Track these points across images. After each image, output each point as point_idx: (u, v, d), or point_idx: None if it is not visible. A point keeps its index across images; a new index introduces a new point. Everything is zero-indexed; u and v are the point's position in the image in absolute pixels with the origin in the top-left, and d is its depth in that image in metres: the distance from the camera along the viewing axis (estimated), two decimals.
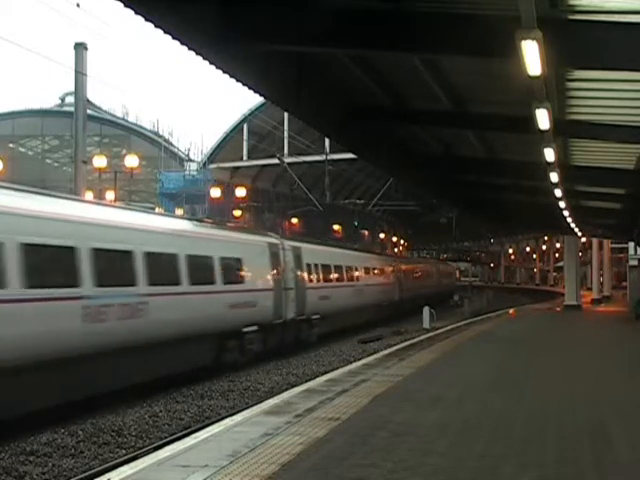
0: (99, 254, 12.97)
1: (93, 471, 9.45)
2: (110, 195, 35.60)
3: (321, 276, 26.15)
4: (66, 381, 11.94)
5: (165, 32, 9.43)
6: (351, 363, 17.43)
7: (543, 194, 23.21)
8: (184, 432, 11.33)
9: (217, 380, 16.85)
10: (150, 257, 14.66)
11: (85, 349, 12.25)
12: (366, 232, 64.18)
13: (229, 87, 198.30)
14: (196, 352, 16.35)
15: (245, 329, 18.70)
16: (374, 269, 35.21)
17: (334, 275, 27.99)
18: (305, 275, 24.24)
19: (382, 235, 70.79)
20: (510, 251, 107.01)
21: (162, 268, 15.29)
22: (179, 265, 15.91)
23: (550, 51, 8.45)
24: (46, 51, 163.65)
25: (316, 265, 25.58)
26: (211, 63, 10.73)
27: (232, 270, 18.71)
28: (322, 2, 9.98)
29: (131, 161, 31.64)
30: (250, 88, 12.27)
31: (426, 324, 29.87)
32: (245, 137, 43.53)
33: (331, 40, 10.02)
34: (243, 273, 19.45)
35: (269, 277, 21.08)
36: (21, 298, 11.13)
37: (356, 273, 31.35)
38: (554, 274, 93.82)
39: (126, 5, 8.76)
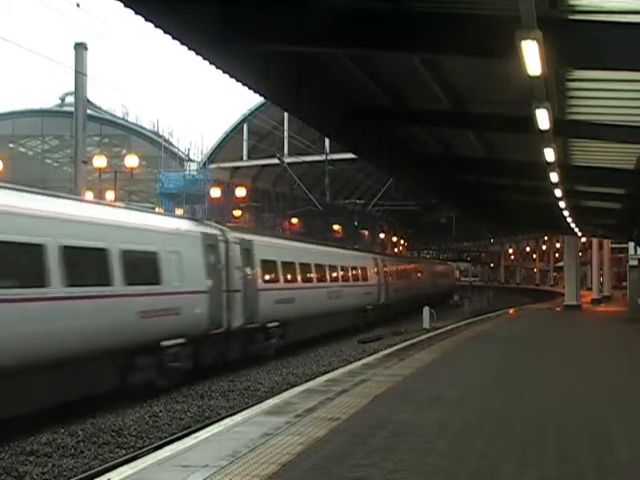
0: (331, 266, 28.05)
1: (93, 471, 9.47)
2: (110, 195, 35.58)
3: (394, 276, 39.92)
4: (319, 326, 25.36)
5: (165, 32, 9.43)
6: (351, 363, 17.45)
7: (543, 194, 23.21)
8: (184, 432, 11.34)
9: (217, 380, 16.87)
10: (341, 267, 29.60)
11: (326, 311, 26.28)
12: (366, 232, 64.16)
13: (229, 87, 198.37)
14: (349, 318, 30.02)
15: (367, 307, 32.99)
16: (419, 272, 50.46)
17: (400, 276, 41.95)
18: (388, 275, 37.95)
19: (382, 235, 70.75)
20: (510, 251, 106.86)
21: (344, 272, 30.01)
22: (349, 271, 30.78)
23: (550, 51, 8.45)
24: (46, 51, 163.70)
25: (391, 270, 39.57)
26: (211, 63, 10.73)
27: (364, 273, 33.32)
28: (322, 2, 9.97)
29: (131, 161, 31.68)
30: (250, 88, 12.26)
31: (426, 324, 29.85)
32: (245, 137, 43.51)
33: (331, 40, 10.01)
34: (366, 275, 33.74)
35: (375, 277, 35.27)
36: (312, 287, 25.45)
37: (411, 274, 46.77)
38: (554, 274, 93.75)
39: (126, 5, 8.77)
